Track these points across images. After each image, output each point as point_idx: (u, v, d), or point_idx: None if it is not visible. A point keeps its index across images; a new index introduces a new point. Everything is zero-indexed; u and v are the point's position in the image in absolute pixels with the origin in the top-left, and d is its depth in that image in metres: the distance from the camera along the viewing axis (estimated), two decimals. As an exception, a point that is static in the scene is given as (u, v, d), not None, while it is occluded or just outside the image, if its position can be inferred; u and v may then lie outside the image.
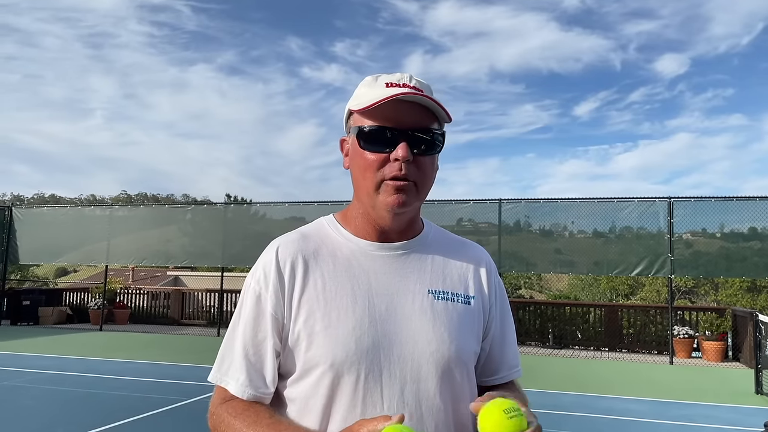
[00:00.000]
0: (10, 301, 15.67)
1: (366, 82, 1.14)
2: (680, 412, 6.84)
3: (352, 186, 1.17)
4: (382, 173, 1.07)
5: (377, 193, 1.09)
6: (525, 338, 13.03)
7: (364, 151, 1.08)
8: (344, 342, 1.05)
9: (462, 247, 1.25)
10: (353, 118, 1.13)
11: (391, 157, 1.06)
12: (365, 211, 1.14)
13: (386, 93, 1.07)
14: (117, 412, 6.09)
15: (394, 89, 1.08)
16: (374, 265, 1.13)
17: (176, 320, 16.34)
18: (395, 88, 1.08)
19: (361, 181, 1.11)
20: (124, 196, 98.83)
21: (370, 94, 1.09)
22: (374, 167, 1.07)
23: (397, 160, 1.06)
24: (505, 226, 12.67)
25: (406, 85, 1.09)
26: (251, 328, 1.11)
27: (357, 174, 1.12)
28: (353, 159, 1.13)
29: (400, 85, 1.09)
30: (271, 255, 1.13)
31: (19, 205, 21.36)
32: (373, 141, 1.07)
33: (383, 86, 1.10)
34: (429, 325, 1.10)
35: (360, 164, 1.10)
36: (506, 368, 1.25)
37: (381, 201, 1.09)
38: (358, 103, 1.10)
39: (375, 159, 1.07)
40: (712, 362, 11.07)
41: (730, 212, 11.55)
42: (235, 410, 1.08)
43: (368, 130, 1.08)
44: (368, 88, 1.12)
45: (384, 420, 0.92)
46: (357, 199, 1.16)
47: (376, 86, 1.11)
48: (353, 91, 1.18)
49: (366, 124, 1.08)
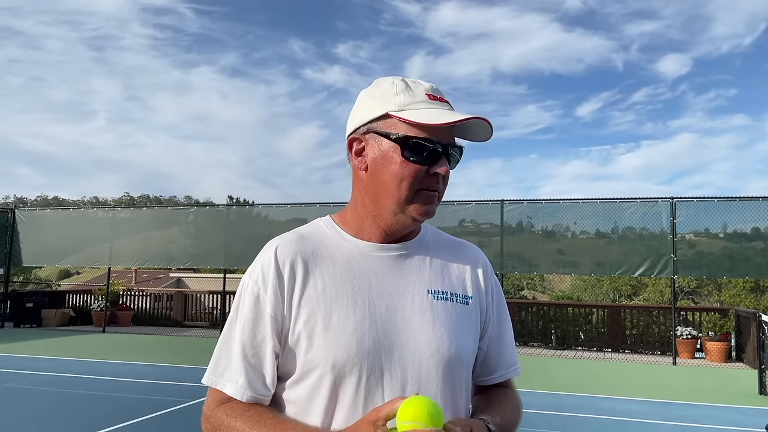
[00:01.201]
0: (14, 303, 15.71)
1: (399, 87, 1.12)
2: (683, 413, 6.83)
3: (365, 188, 1.14)
4: (420, 184, 1.09)
5: (409, 203, 1.10)
6: (528, 339, 13.02)
7: (406, 160, 1.08)
8: (345, 343, 1.05)
9: (459, 248, 1.26)
10: (389, 123, 1.11)
11: (430, 171, 1.09)
12: (378, 215, 1.14)
13: (437, 108, 1.10)
14: (120, 413, 6.10)
15: (438, 104, 1.11)
16: (374, 266, 1.13)
17: (179, 322, 16.36)
18: (437, 102, 1.11)
19: (393, 188, 1.10)
20: (127, 198, 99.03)
21: (416, 104, 1.10)
22: (414, 178, 1.09)
23: (436, 174, 1.09)
24: (508, 226, 12.66)
25: (443, 99, 1.13)
26: (250, 329, 1.10)
27: (388, 181, 1.10)
28: (384, 165, 1.10)
29: (438, 98, 1.12)
30: (270, 255, 1.12)
31: (22, 207, 21.44)
32: (419, 153, 1.08)
33: (425, 97, 1.11)
34: (429, 326, 1.11)
35: (397, 173, 1.09)
36: (504, 367, 1.26)
37: (413, 210, 1.10)
38: (412, 114, 1.09)
39: (417, 170, 1.08)
40: (716, 363, 11.04)
41: (733, 212, 11.53)
42: (234, 412, 1.08)
43: (417, 143, 1.08)
44: (407, 95, 1.11)
45: (398, 401, 0.93)
46: (370, 202, 1.14)
47: (416, 96, 1.11)
48: (356, 93, 1.17)
49: (413, 134, 1.08)
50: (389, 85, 1.13)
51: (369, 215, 1.15)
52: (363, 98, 1.17)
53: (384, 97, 1.12)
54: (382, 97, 1.12)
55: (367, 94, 1.16)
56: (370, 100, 1.14)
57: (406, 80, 1.14)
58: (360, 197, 1.16)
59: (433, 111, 1.09)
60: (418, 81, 1.14)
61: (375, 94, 1.14)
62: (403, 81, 1.13)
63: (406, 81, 1.13)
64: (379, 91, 1.14)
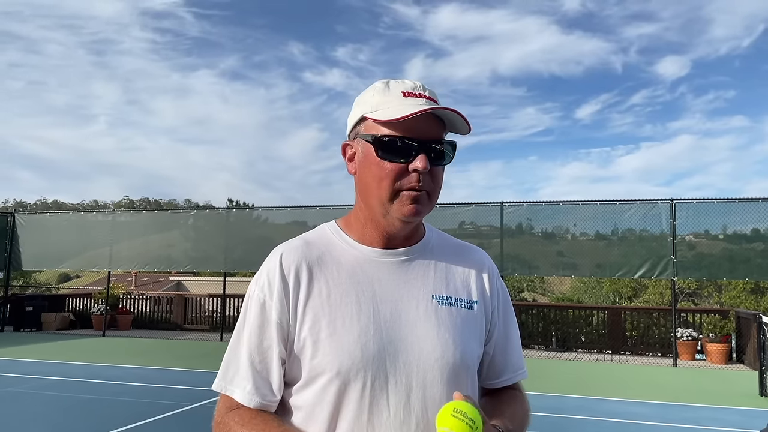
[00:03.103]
0: (13, 307, 15.68)
1: (377, 89, 1.13)
2: (684, 415, 6.82)
3: (358, 192, 1.16)
4: (400, 183, 1.08)
5: (392, 203, 1.09)
6: (528, 341, 13.01)
7: (382, 160, 1.08)
8: (350, 349, 1.05)
9: (464, 252, 1.25)
10: (366, 125, 1.12)
11: (409, 168, 1.07)
12: (373, 218, 1.14)
13: (407, 104, 1.08)
14: (120, 417, 6.09)
15: (412, 99, 1.09)
16: (378, 272, 1.13)
17: (179, 325, 16.34)
18: (413, 98, 1.10)
19: (374, 189, 1.10)
20: (127, 202, 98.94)
21: (388, 102, 1.10)
22: (391, 177, 1.08)
23: (415, 171, 1.07)
24: (508, 229, 12.66)
25: (422, 95, 1.11)
26: (256, 335, 1.11)
27: (370, 182, 1.10)
28: (366, 167, 1.11)
29: (416, 94, 1.11)
30: (275, 262, 1.13)
31: (22, 211, 21.42)
32: (392, 151, 1.08)
33: (399, 95, 1.10)
34: (434, 331, 1.11)
35: (375, 173, 1.09)
36: (510, 371, 1.26)
37: (396, 210, 1.09)
38: (380, 113, 1.09)
39: (392, 169, 1.08)
40: (716, 364, 11.03)
41: (732, 214, 11.53)
42: (242, 419, 1.08)
43: (388, 141, 1.08)
44: (382, 95, 1.11)
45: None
46: (365, 206, 1.15)
47: (390, 94, 1.11)
48: (355, 96, 1.18)
49: (384, 133, 1.08)
50: (370, 89, 1.15)
51: (367, 219, 1.16)
52: (354, 104, 1.18)
53: (362, 101, 1.14)
54: (363, 101, 1.14)
55: (356, 100, 1.18)
56: (356, 106, 1.16)
57: (391, 81, 1.14)
58: (357, 202, 1.18)
59: (400, 107, 1.08)
60: (404, 81, 1.14)
61: (360, 99, 1.16)
62: (384, 83, 1.14)
63: (388, 82, 1.14)
64: (363, 96, 1.16)
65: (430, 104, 1.10)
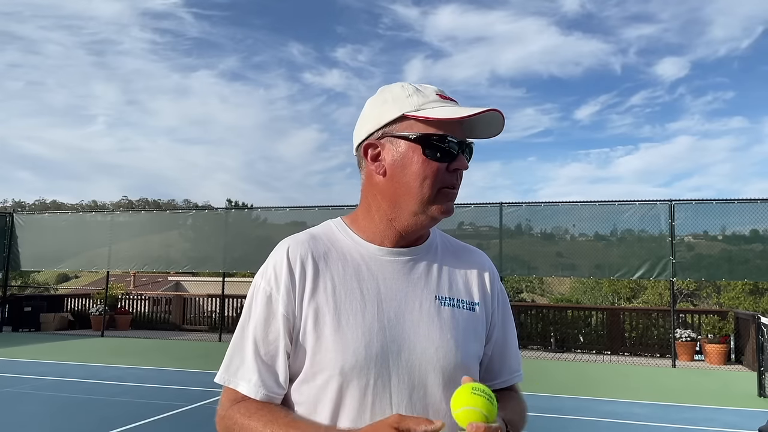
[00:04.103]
0: (12, 307, 15.66)
1: (410, 90, 1.13)
2: (683, 416, 6.82)
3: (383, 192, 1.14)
4: (441, 182, 1.11)
5: (431, 202, 1.11)
6: (527, 342, 13.01)
7: (428, 159, 1.09)
8: (354, 347, 1.06)
9: (466, 254, 1.26)
10: (406, 124, 1.11)
11: (450, 167, 1.10)
12: (397, 217, 1.14)
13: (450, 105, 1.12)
14: (119, 418, 6.08)
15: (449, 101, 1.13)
16: (383, 271, 1.14)
17: (178, 326, 16.32)
18: (450, 100, 1.14)
19: (416, 188, 1.10)
20: (126, 202, 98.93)
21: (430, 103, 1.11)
22: (437, 176, 1.10)
23: (456, 170, 1.11)
24: (507, 229, 12.66)
25: (451, 98, 1.15)
26: (263, 328, 1.11)
27: (410, 181, 1.10)
28: (404, 166, 1.11)
29: (447, 98, 1.14)
30: (282, 255, 1.13)
31: (21, 211, 21.39)
32: (440, 150, 1.09)
33: (436, 96, 1.13)
34: (436, 332, 1.11)
35: (419, 172, 1.10)
36: (507, 372, 1.27)
37: (435, 209, 1.12)
38: (430, 112, 1.10)
39: (438, 167, 1.10)
40: (715, 365, 11.04)
41: (731, 215, 11.53)
42: (248, 410, 1.08)
43: (437, 139, 1.09)
44: (419, 96, 1.12)
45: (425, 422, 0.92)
46: (390, 205, 1.14)
47: (428, 96, 1.13)
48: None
49: (432, 132, 1.09)
50: (399, 89, 1.14)
51: (384, 218, 1.15)
52: (373, 105, 1.17)
53: (397, 100, 1.13)
54: (395, 101, 1.13)
55: (377, 100, 1.17)
56: (382, 105, 1.15)
57: (416, 84, 1.15)
58: (375, 202, 1.16)
59: (448, 108, 1.10)
60: (424, 84, 1.16)
61: (387, 98, 1.15)
62: (412, 85, 1.15)
63: (413, 85, 1.15)
64: (390, 95, 1.14)
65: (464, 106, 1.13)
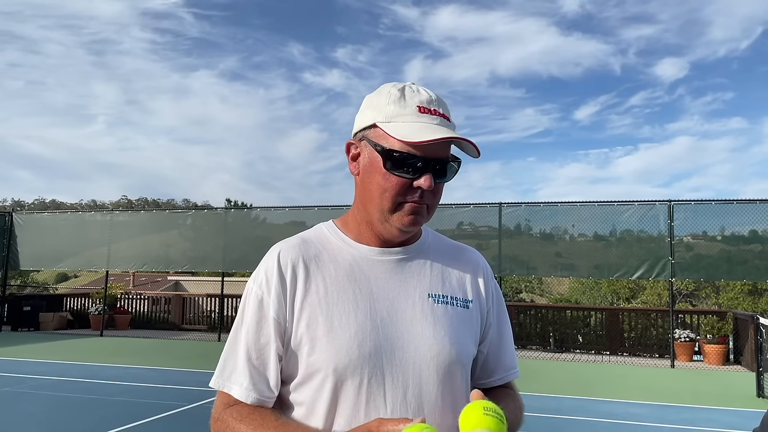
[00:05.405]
0: (11, 306, 15.65)
1: (393, 97, 1.12)
2: (681, 416, 6.83)
3: (358, 194, 1.17)
4: (402, 196, 1.09)
5: (392, 213, 1.11)
6: (526, 342, 13.02)
7: (389, 172, 1.08)
8: (347, 347, 1.07)
9: (459, 252, 1.27)
10: (376, 133, 1.11)
11: (414, 185, 1.08)
12: (370, 221, 1.15)
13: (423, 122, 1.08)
14: (118, 417, 6.08)
15: (426, 117, 1.09)
16: (375, 271, 1.15)
17: (177, 325, 16.32)
18: (427, 115, 1.10)
19: (376, 198, 1.11)
20: (125, 202, 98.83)
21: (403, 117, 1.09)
22: (395, 190, 1.09)
23: (419, 188, 1.08)
24: (506, 229, 12.66)
25: (436, 111, 1.11)
26: (254, 332, 1.12)
27: (373, 190, 1.11)
28: (370, 174, 1.12)
29: (431, 111, 1.10)
30: (273, 259, 1.14)
31: (20, 210, 21.38)
32: (400, 166, 1.08)
33: (415, 110, 1.10)
34: (430, 329, 1.12)
35: (380, 183, 1.09)
36: (503, 370, 1.27)
37: (396, 220, 1.11)
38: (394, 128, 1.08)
39: (398, 183, 1.08)
40: (714, 365, 11.04)
41: (730, 215, 11.54)
42: (240, 414, 1.09)
43: (397, 156, 1.08)
44: (397, 106, 1.10)
45: (404, 422, 0.93)
46: (363, 209, 1.16)
47: (406, 107, 1.10)
48: (355, 96, 1.20)
49: (394, 147, 1.08)
50: (386, 94, 1.13)
51: (363, 220, 1.17)
52: (364, 104, 1.18)
53: (377, 106, 1.13)
54: (375, 106, 1.13)
55: (367, 101, 1.17)
56: (367, 108, 1.15)
57: (406, 88, 1.13)
58: (356, 202, 1.18)
59: (416, 126, 1.08)
60: (419, 90, 1.13)
61: (373, 101, 1.15)
62: (400, 90, 1.13)
63: (404, 90, 1.13)
64: (376, 99, 1.14)
65: (444, 123, 1.10)
